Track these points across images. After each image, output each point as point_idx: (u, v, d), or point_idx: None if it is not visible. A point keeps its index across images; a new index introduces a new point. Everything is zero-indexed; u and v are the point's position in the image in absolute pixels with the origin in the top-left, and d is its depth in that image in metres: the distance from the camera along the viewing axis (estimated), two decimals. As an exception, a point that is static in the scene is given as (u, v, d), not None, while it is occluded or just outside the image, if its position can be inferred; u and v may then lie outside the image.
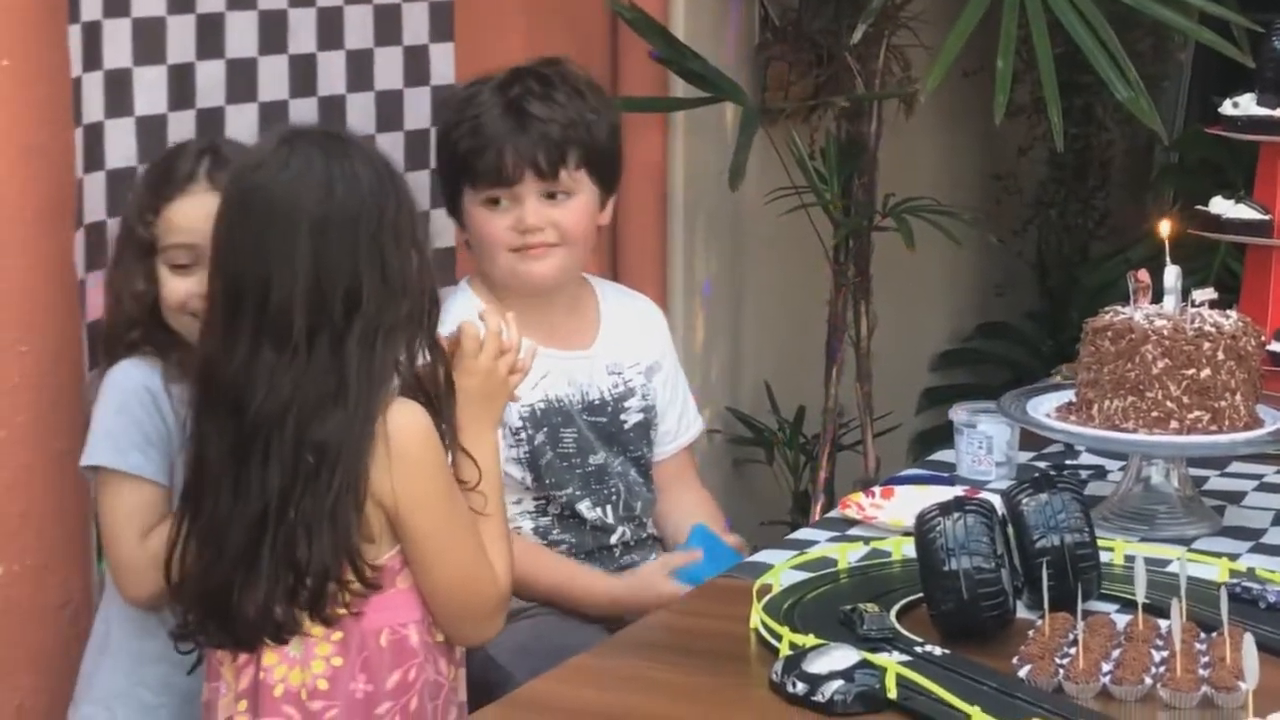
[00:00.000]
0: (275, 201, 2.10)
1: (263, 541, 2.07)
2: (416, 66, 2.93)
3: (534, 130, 2.60)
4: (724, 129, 3.69)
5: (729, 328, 3.88)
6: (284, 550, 2.07)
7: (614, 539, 2.69)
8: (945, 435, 3.04)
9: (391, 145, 2.89)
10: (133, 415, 2.32)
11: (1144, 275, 2.53)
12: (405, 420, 2.10)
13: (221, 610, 2.10)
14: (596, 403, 2.69)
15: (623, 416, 2.71)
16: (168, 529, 2.22)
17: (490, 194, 2.62)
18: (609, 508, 2.68)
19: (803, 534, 2.55)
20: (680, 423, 2.80)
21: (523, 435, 2.62)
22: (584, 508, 2.66)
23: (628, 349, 2.74)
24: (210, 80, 2.64)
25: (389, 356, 2.10)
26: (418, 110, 2.94)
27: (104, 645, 2.40)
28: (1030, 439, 2.75)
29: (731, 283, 3.89)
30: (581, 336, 2.71)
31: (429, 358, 2.16)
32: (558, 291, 2.68)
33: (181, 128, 2.60)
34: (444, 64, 2.97)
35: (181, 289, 2.33)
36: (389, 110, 2.89)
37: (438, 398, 2.15)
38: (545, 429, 2.63)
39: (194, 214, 2.31)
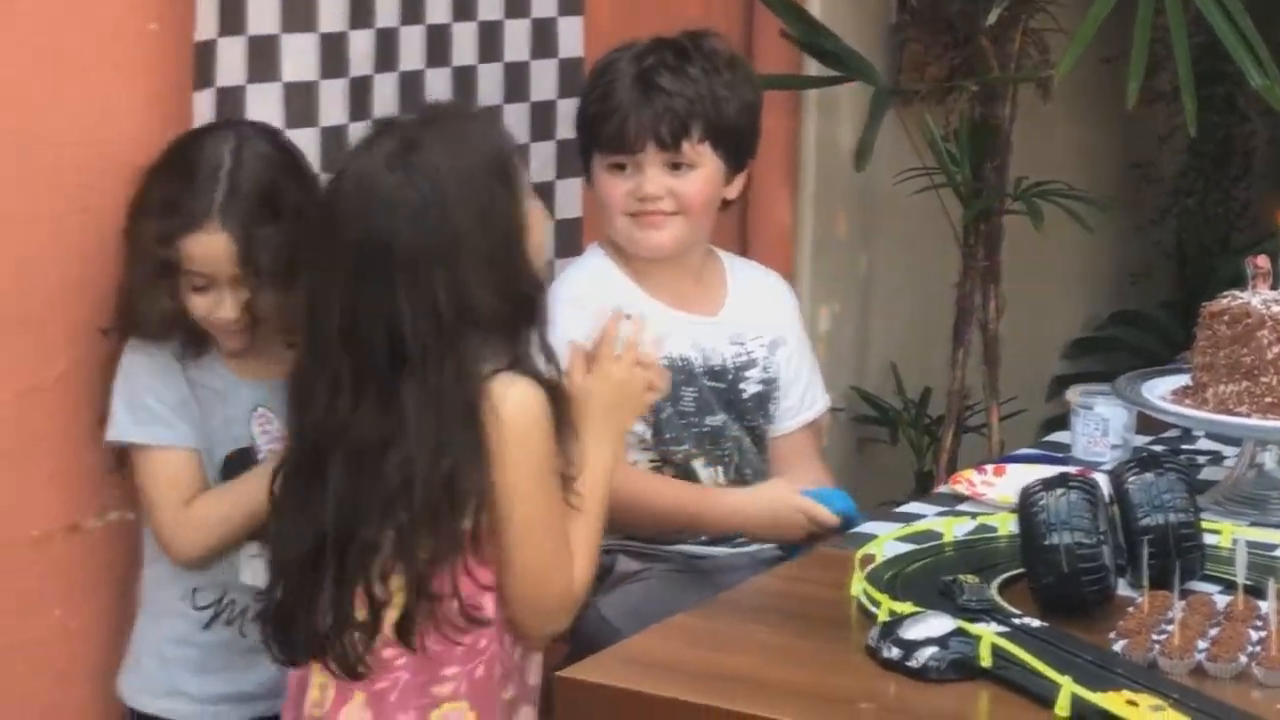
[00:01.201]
0: (323, 225, 2.11)
1: (322, 568, 2.06)
2: (544, 39, 2.97)
3: (658, 102, 2.63)
4: (857, 109, 3.71)
5: (856, 307, 3.90)
6: (352, 582, 2.05)
7: None
8: (1073, 422, 3.04)
9: (518, 116, 2.94)
10: (150, 389, 2.40)
11: (1263, 261, 2.52)
12: (520, 401, 2.06)
13: (283, 627, 2.12)
14: (717, 368, 2.72)
15: (742, 385, 2.74)
16: (213, 494, 2.36)
17: (614, 160, 2.66)
18: (722, 469, 2.71)
19: (911, 508, 2.57)
20: (804, 399, 2.81)
21: None
22: (699, 465, 2.69)
23: (752, 320, 2.76)
24: (361, 50, 2.69)
25: (460, 391, 2.04)
26: (544, 82, 2.98)
27: (141, 603, 2.50)
28: (1149, 423, 2.75)
29: (860, 263, 3.91)
30: (708, 304, 2.74)
31: (545, 362, 2.13)
32: (678, 259, 2.71)
33: (333, 95, 2.65)
34: (572, 37, 3.00)
35: (202, 305, 2.39)
36: (516, 81, 2.93)
37: (555, 390, 2.12)
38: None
39: (208, 252, 2.35)
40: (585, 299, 2.56)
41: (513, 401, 2.07)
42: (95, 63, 2.48)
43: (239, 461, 2.43)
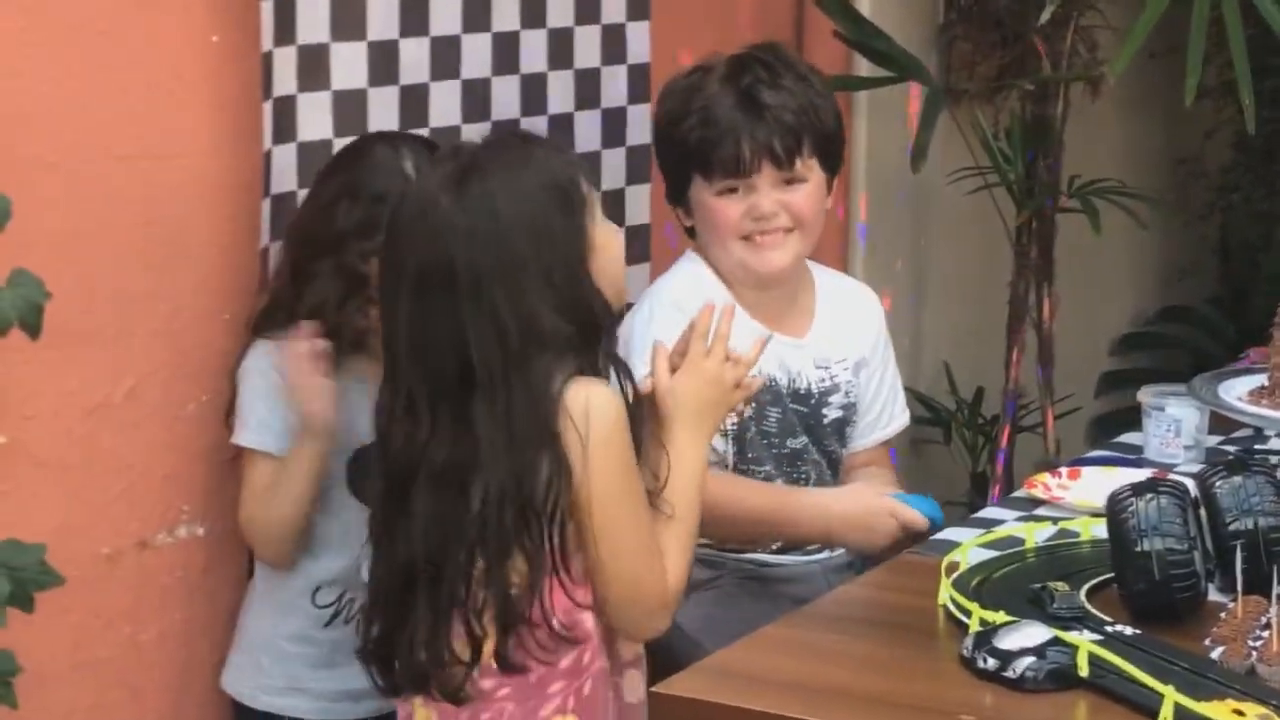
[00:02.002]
0: (388, 250, 2.10)
1: (415, 599, 2.06)
2: (613, 45, 2.95)
3: (769, 119, 2.57)
4: (907, 108, 3.69)
5: (909, 307, 3.88)
6: (447, 613, 2.04)
7: None
8: (1125, 419, 3.02)
9: (589, 123, 2.92)
10: (267, 395, 2.42)
11: (1341, 259, 2.51)
12: (599, 404, 2.04)
13: (384, 660, 2.11)
14: (802, 392, 2.68)
15: (824, 411, 2.70)
16: (273, 496, 2.40)
17: (726, 184, 2.59)
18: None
19: (989, 513, 2.55)
20: (881, 416, 2.78)
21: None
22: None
23: (838, 343, 2.71)
24: (414, 57, 2.67)
25: (532, 412, 2.02)
26: (614, 88, 2.96)
27: (253, 598, 2.52)
28: (1219, 422, 2.73)
29: (912, 262, 3.89)
30: (797, 324, 2.69)
31: (618, 379, 2.09)
32: (786, 281, 2.67)
33: (384, 103, 2.64)
34: (639, 42, 2.98)
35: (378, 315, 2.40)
36: (587, 88, 2.91)
37: (632, 405, 2.09)
38: (754, 404, 2.62)
39: None
40: (685, 303, 2.53)
41: (593, 406, 2.04)
42: (158, 76, 2.47)
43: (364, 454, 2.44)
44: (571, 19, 2.88)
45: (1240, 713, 1.83)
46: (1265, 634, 2.02)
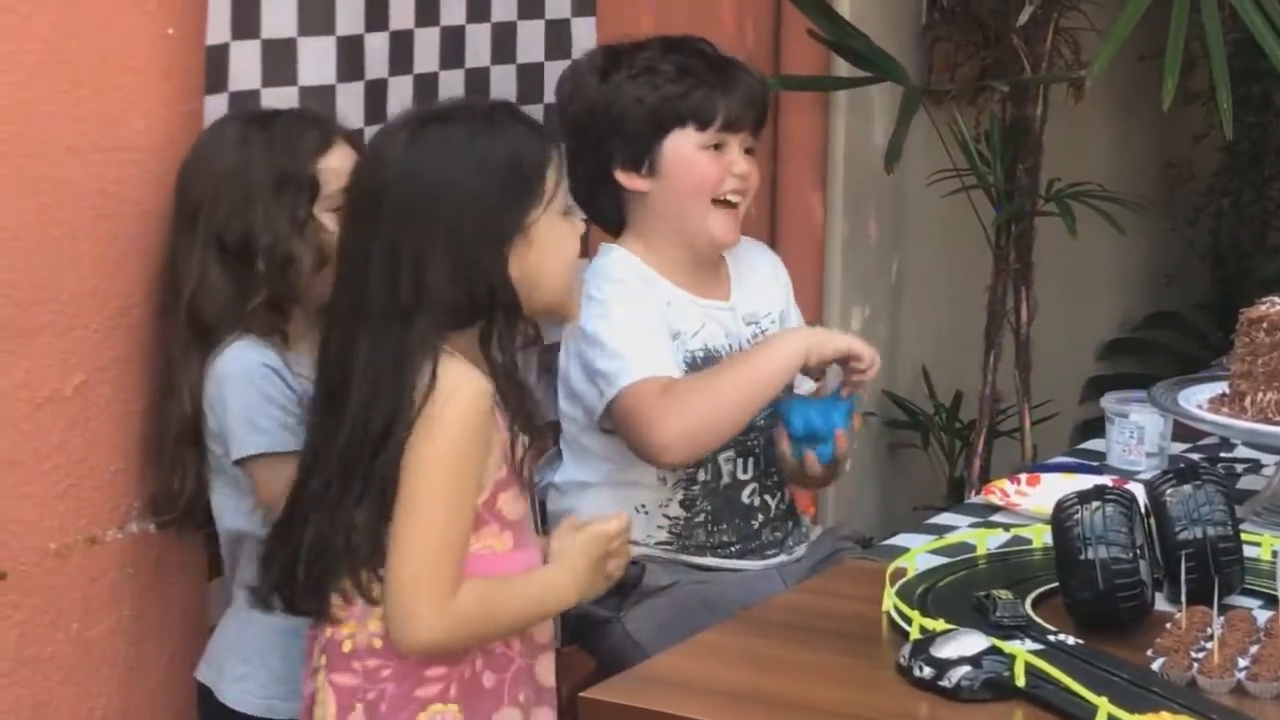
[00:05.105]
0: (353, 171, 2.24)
1: (295, 512, 2.10)
2: (558, 40, 2.94)
3: (747, 83, 2.63)
4: (887, 109, 3.66)
5: (888, 310, 3.86)
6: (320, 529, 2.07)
7: (746, 496, 2.67)
8: (1108, 426, 2.97)
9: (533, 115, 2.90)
10: (265, 395, 2.34)
11: (1304, 266, 2.48)
12: (463, 392, 2.02)
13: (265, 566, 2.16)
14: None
15: None
16: None
17: (714, 139, 2.61)
18: (749, 461, 2.66)
19: (943, 519, 2.53)
20: None
21: None
22: (724, 459, 2.65)
23: (759, 299, 2.74)
24: (376, 52, 2.66)
25: (401, 365, 2.03)
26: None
27: (248, 614, 2.38)
28: (1186, 430, 2.71)
29: (891, 264, 3.86)
30: (720, 289, 2.72)
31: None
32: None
33: (350, 99, 2.62)
34: (586, 37, 2.97)
35: None
36: (530, 82, 2.90)
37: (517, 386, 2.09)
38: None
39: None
40: (626, 280, 2.58)
41: (455, 390, 2.02)
42: (113, 69, 2.45)
43: None
44: (515, 14, 2.87)
45: (1173, 726, 1.81)
46: (1209, 645, 1.99)
